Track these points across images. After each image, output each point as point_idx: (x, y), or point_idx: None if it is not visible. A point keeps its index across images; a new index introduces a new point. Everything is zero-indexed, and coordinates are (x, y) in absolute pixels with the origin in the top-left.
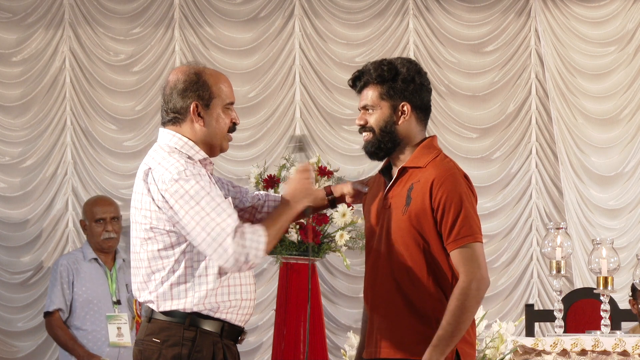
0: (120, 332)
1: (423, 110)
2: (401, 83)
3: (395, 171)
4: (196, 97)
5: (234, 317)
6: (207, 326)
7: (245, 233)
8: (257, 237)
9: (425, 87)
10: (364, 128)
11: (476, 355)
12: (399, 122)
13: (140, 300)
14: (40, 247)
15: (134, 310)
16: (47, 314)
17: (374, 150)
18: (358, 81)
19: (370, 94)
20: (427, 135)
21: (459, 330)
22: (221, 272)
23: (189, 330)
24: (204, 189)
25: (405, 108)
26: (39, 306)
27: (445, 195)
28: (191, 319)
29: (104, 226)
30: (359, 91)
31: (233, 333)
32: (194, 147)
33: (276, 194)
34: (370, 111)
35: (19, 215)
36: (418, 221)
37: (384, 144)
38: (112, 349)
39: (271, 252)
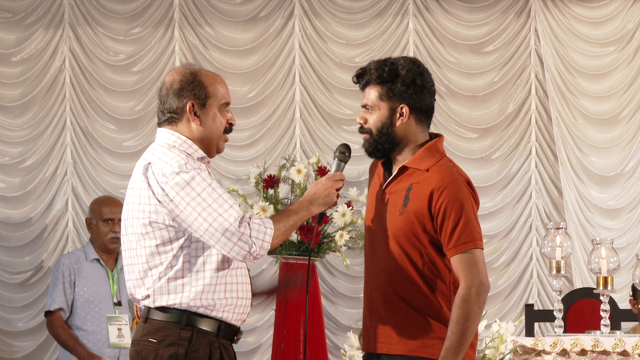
0: (121, 333)
1: (424, 112)
2: (400, 85)
3: (395, 169)
4: (192, 96)
5: (230, 316)
6: (204, 325)
7: (253, 224)
8: (264, 228)
9: (427, 89)
10: (362, 128)
11: (476, 355)
12: (397, 124)
13: (136, 297)
14: (40, 247)
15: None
16: (48, 313)
17: (371, 150)
18: (360, 79)
19: (370, 94)
20: (432, 135)
21: (465, 338)
22: (218, 269)
23: (185, 330)
24: (205, 180)
25: (403, 110)
26: (39, 306)
27: (446, 202)
28: (187, 318)
29: (111, 226)
30: (362, 88)
31: (229, 333)
32: (193, 145)
33: None
34: (370, 111)
35: (19, 215)
36: (415, 224)
37: (381, 145)
38: (113, 350)
39: (271, 252)
